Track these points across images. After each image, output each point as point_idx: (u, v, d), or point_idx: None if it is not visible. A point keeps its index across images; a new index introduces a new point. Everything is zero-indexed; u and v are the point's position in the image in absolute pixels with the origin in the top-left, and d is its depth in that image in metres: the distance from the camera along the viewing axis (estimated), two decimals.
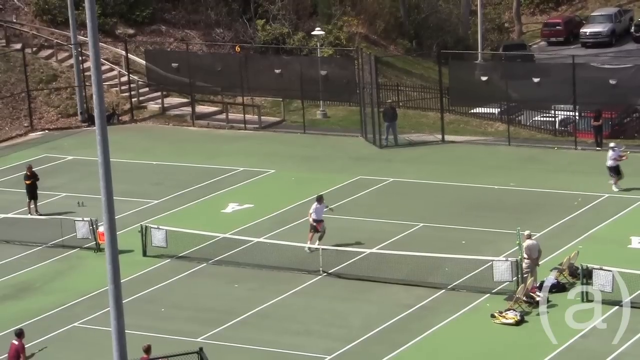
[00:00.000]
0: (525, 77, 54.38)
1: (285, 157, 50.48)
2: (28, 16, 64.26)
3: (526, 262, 33.47)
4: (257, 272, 36.67)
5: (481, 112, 56.51)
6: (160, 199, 44.93)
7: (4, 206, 44.54)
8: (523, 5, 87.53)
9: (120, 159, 45.73)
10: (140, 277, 36.60)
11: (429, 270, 35.55)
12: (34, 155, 51.90)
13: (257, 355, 31.03)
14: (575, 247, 36.82)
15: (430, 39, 73.56)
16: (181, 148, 52.82)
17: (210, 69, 59.11)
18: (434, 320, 32.62)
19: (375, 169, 47.80)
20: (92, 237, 39.31)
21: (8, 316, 34.46)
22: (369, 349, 31.04)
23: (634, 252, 36.95)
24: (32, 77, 59.06)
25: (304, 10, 69.20)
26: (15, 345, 28.84)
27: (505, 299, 33.28)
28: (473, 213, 41.49)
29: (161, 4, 67.39)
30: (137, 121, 58.15)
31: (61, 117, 58.45)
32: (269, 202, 43.66)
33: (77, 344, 32.13)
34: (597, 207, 41.34)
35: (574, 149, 49.64)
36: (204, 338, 31.72)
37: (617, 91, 50.19)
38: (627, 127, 53.07)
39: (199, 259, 38.01)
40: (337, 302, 34.42)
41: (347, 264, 36.47)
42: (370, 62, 52.48)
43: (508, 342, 31.14)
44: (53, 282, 37.35)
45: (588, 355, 29.86)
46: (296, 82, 56.20)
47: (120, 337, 19.97)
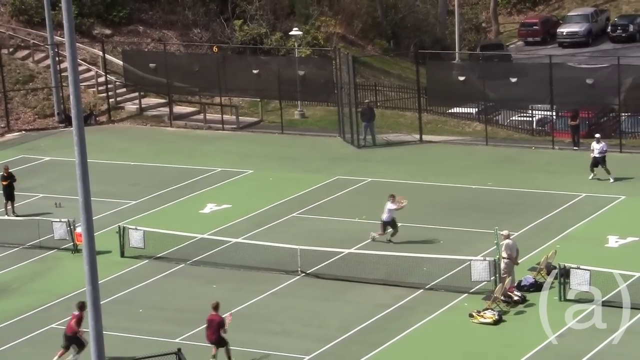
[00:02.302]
0: (503, 77, 54.58)
1: (263, 157, 50.51)
2: (4, 17, 64.11)
3: (505, 262, 33.56)
4: (236, 273, 36.70)
5: (459, 112, 56.68)
6: (138, 199, 44.89)
7: None
8: (500, 5, 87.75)
9: (97, 160, 45.66)
10: (118, 278, 36.55)
11: (407, 270, 35.62)
12: (11, 156, 51.77)
13: (235, 356, 30.97)
14: (553, 246, 36.96)
15: (408, 39, 73.72)
16: (159, 148, 52.79)
17: (188, 70, 59.17)
18: (412, 320, 32.70)
19: (353, 169, 47.87)
20: (69, 238, 39.22)
21: None
22: (348, 349, 31.09)
23: (611, 251, 37.13)
24: (9, 77, 58.92)
25: (282, 10, 69.26)
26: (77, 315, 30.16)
27: (483, 299, 33.37)
28: (451, 213, 41.61)
29: (138, 4, 67.33)
30: (115, 122, 58.09)
31: (38, 117, 58.35)
32: (247, 203, 43.68)
33: (54, 346, 31.96)
34: (574, 207, 41.51)
35: (551, 149, 49.83)
36: (182, 339, 31.69)
37: (594, 91, 50.43)
38: (604, 127, 53.23)
39: (177, 260, 37.99)
40: (316, 302, 34.46)
41: (325, 264, 36.51)
42: (348, 62, 52.57)
43: (486, 342, 31.24)
44: (30, 284, 37.25)
45: (565, 354, 29.97)
46: (274, 83, 56.27)
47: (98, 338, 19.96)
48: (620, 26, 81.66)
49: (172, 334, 32.13)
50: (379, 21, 74.24)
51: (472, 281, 34.02)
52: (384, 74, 68.41)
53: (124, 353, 25.47)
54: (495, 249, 34.34)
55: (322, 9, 70.77)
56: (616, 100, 50.82)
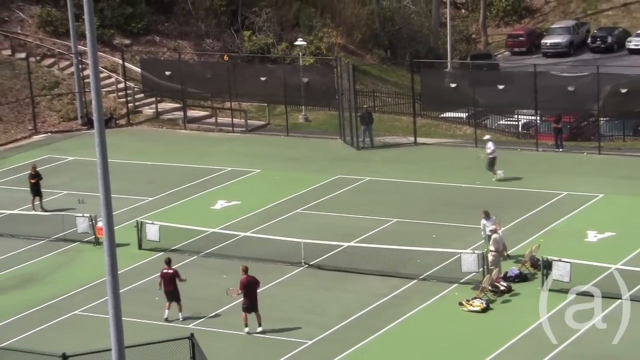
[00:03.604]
0: (491, 84, 54.55)
1: (269, 158, 50.50)
2: (32, 27, 64.15)
3: (493, 255, 33.59)
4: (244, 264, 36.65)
5: (450, 116, 56.64)
6: (154, 196, 44.90)
7: (10, 203, 44.47)
8: (489, 18, 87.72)
9: (117, 160, 45.66)
10: (135, 269, 36.57)
11: (402, 262, 35.62)
12: (37, 156, 51.79)
13: (243, 341, 31.04)
14: (537, 240, 36.95)
15: (404, 49, 73.71)
16: (173, 149, 52.80)
17: (201, 77, 59.17)
18: (406, 308, 32.71)
19: (353, 168, 47.86)
20: (91, 232, 39.26)
21: (13, 305, 34.44)
22: (347, 335, 31.10)
23: (590, 245, 37.13)
24: (36, 83, 58.97)
25: (287, 22, 69.27)
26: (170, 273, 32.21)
27: (472, 288, 33.38)
28: (443, 209, 41.60)
29: (155, 16, 67.37)
30: (133, 125, 58.09)
31: (63, 120, 58.38)
32: (254, 200, 43.68)
33: (77, 331, 32.09)
34: (556, 204, 41.50)
35: (535, 151, 49.82)
36: (195, 325, 31.73)
37: (575, 97, 50.36)
38: (584, 130, 53.28)
39: (190, 252, 38.00)
40: (318, 291, 34.48)
41: (327, 257, 36.51)
42: (348, 70, 52.56)
43: (475, 328, 31.24)
44: (55, 274, 37.31)
45: (547, 339, 29.92)
46: (280, 89, 56.24)
47: (117, 324, 19.96)
48: (600, 38, 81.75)
49: (186, 321, 32.17)
50: (377, 32, 74.22)
51: (462, 272, 34.03)
52: (381, 81, 68.41)
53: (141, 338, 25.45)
54: (484, 243, 34.34)
55: (324, 21, 70.76)
56: (595, 106, 50.81)
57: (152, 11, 67.32)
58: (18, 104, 58.11)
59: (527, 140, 52.50)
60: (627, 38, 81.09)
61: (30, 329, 32.44)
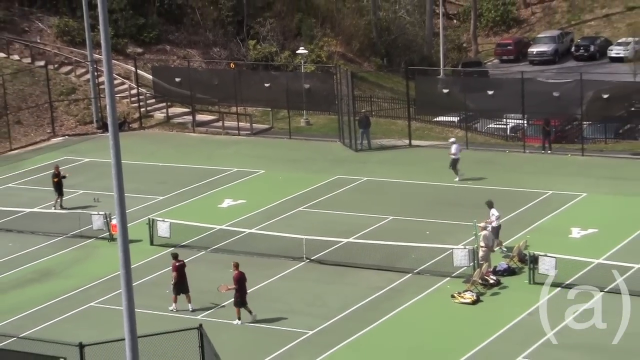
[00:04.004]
0: (481, 90, 54.60)
1: (273, 159, 50.51)
2: (50, 37, 64.17)
3: (483, 250, 33.60)
4: (249, 259, 36.67)
5: (443, 120, 56.68)
6: (164, 195, 44.91)
7: (30, 202, 44.51)
8: (479, 28, 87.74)
9: (130, 161, 45.64)
10: (147, 263, 36.59)
11: (398, 257, 35.63)
12: (56, 158, 51.80)
13: (248, 331, 31.04)
14: (524, 237, 36.95)
15: (399, 57, 73.73)
16: (183, 151, 52.82)
17: (209, 83, 59.22)
18: (402, 300, 32.71)
19: (352, 169, 47.87)
20: (106, 229, 39.28)
21: (33, 297, 34.47)
22: (346, 326, 31.09)
23: (574, 241, 37.14)
24: (54, 90, 58.99)
25: (290, 32, 69.27)
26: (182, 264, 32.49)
27: (464, 282, 33.39)
28: (436, 208, 41.61)
29: (166, 27, 67.39)
30: (145, 128, 58.11)
31: (79, 124, 58.40)
32: (259, 198, 43.69)
33: (93, 322, 32.09)
34: (542, 203, 41.51)
35: (522, 152, 49.82)
36: (203, 316, 31.74)
37: (560, 102, 50.39)
38: (569, 133, 53.30)
39: (199, 248, 38.02)
40: (318, 285, 34.48)
41: (327, 252, 36.51)
42: (347, 77, 52.57)
43: (466, 319, 31.24)
44: (72, 268, 37.32)
45: (533, 329, 29.95)
46: (283, 94, 56.26)
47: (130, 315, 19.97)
48: (583, 47, 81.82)
49: (194, 312, 32.18)
50: (374, 42, 74.24)
51: (454, 266, 34.04)
52: (378, 87, 68.42)
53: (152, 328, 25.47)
54: (474, 239, 34.35)
55: (324, 31, 70.81)
56: (579, 110, 50.84)
57: (163, 22, 67.35)
58: (37, 109, 58.14)
59: (515, 143, 52.50)
60: (608, 47, 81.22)
61: (49, 320, 32.46)
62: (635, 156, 47.69)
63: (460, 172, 44.71)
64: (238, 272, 31.44)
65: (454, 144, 44.91)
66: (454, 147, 44.69)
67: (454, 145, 44.74)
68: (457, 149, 44.66)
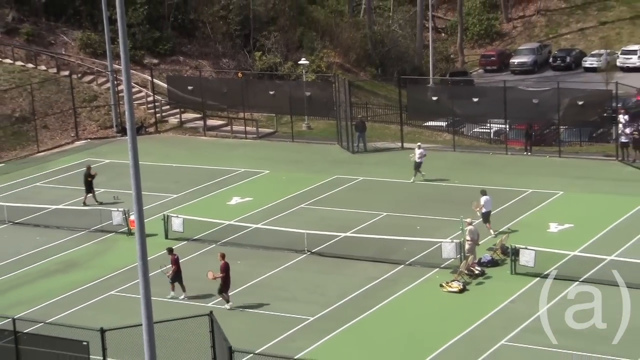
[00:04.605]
0: (467, 97, 54.55)
1: (277, 160, 50.49)
2: (74, 49, 64.16)
3: (469, 243, 33.59)
4: (255, 252, 36.71)
5: (432, 125, 56.64)
6: (178, 193, 44.90)
7: (55, 199, 44.48)
8: (465, 41, 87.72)
9: (146, 162, 45.57)
10: (163, 256, 36.51)
11: (391, 249, 35.62)
12: (79, 159, 51.79)
13: (255, 317, 31.04)
14: (506, 231, 36.94)
15: (392, 67, 73.69)
16: (195, 153, 52.80)
17: (218, 91, 59.17)
18: (395, 289, 32.71)
19: (349, 170, 47.85)
20: (124, 224, 39.28)
21: (58, 287, 34.47)
22: (344, 312, 31.09)
23: (552, 235, 37.13)
24: (78, 97, 58.96)
25: (292, 44, 69.25)
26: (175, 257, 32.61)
27: (451, 272, 33.38)
28: (426, 205, 41.59)
29: (179, 39, 67.37)
30: (160, 132, 58.09)
31: (100, 129, 58.37)
32: (264, 196, 43.68)
33: (113, 309, 32.09)
34: (523, 200, 41.49)
35: (505, 154, 49.78)
36: (213, 304, 31.72)
37: (539, 109, 50.35)
38: (547, 137, 53.26)
39: (209, 241, 38.00)
40: (319, 275, 34.46)
41: (326, 245, 36.49)
42: (345, 85, 52.55)
43: (453, 306, 31.23)
44: (93, 260, 37.31)
45: (514, 315, 29.95)
46: (286, 101, 56.23)
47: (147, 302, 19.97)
48: (560, 58, 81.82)
49: (206, 300, 32.17)
50: (370, 53, 74.21)
51: (443, 258, 34.03)
52: (373, 95, 68.38)
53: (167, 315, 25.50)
54: (461, 233, 34.33)
55: (324, 43, 70.75)
56: (556, 116, 50.80)
57: (176, 35, 67.32)
58: (62, 115, 58.13)
59: (498, 146, 52.47)
60: (583, 58, 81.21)
61: (73, 307, 32.46)
62: (607, 158, 47.67)
63: (421, 174, 44.31)
64: (224, 263, 31.37)
65: (419, 149, 44.70)
66: (418, 151, 44.46)
67: (418, 150, 44.51)
68: (421, 154, 44.38)
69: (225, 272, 31.34)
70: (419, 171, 44.44)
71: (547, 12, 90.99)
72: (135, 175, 19.69)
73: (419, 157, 44.36)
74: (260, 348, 27.56)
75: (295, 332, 29.76)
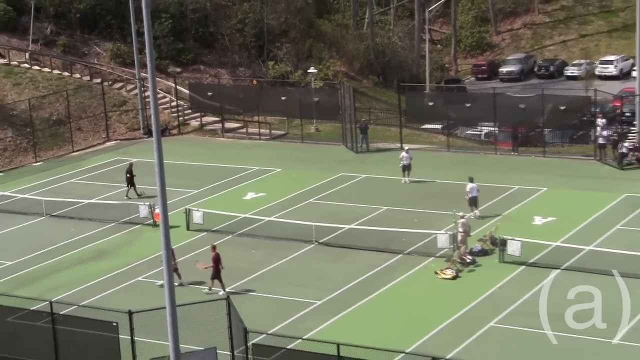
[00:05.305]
0: (460, 103, 54.45)
1: (288, 159, 50.47)
2: (105, 59, 64.22)
3: (461, 235, 33.54)
4: (268, 242, 36.72)
5: (429, 127, 56.54)
6: (199, 189, 44.92)
7: (88, 194, 44.54)
8: (458, 52, 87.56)
9: (170, 161, 45.64)
10: (184, 245, 36.59)
11: (391, 240, 35.60)
12: (110, 158, 51.86)
13: (267, 301, 31.05)
14: (495, 224, 36.89)
15: (392, 75, 73.55)
16: (214, 153, 52.80)
17: (235, 97, 59.14)
18: (394, 275, 32.70)
19: (353, 168, 47.81)
20: (150, 217, 39.33)
21: (90, 273, 34.55)
22: (348, 296, 31.09)
23: (536, 227, 37.06)
24: (108, 102, 59.00)
25: (302, 54, 69.24)
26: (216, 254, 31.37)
27: (445, 261, 33.36)
28: (423, 200, 41.54)
29: (200, 50, 67.39)
30: (183, 134, 58.10)
31: (128, 130, 58.42)
32: (277, 192, 43.67)
33: (139, 293, 32.12)
34: (510, 196, 41.43)
35: (494, 154, 49.70)
36: (230, 289, 31.74)
37: (525, 113, 50.24)
38: (532, 139, 53.13)
39: (227, 232, 38.02)
40: (325, 263, 34.46)
41: (332, 236, 36.50)
42: (350, 91, 52.52)
43: (447, 291, 31.22)
44: (122, 249, 37.37)
45: (502, 300, 29.93)
46: (296, 106, 56.19)
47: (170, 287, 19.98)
48: (544, 67, 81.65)
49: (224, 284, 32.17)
50: (372, 62, 74.10)
51: (437, 248, 34.02)
52: (375, 100, 68.32)
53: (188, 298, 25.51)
54: (454, 226, 34.31)
55: (331, 54, 70.72)
56: (541, 120, 50.69)
57: (198, 46, 67.35)
58: (95, 118, 58.19)
59: (488, 146, 52.37)
60: (565, 67, 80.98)
61: (104, 292, 32.52)
62: (586, 157, 47.56)
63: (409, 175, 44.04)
64: (216, 254, 31.26)
65: (406, 152, 44.44)
66: (405, 155, 44.17)
67: (405, 154, 44.23)
68: (407, 157, 44.09)
69: (216, 262, 31.14)
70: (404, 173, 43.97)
71: (532, 25, 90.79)
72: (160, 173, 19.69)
73: (406, 159, 44.00)
74: (273, 329, 27.55)
75: (304, 315, 29.78)
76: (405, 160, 43.94)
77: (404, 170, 44.00)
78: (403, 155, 44.16)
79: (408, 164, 43.89)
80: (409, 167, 43.87)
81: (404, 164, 43.98)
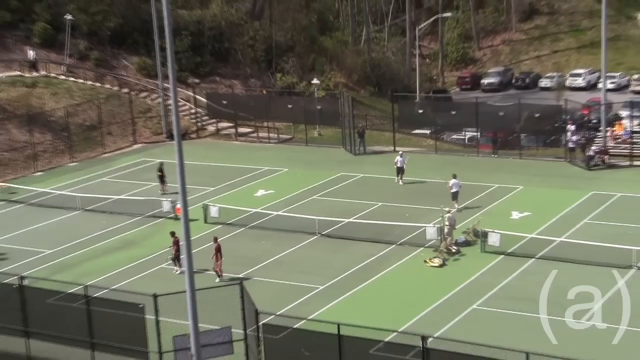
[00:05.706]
0: (446, 110, 54.42)
1: (294, 160, 50.45)
2: (132, 71, 64.23)
3: (447, 227, 33.54)
4: (276, 234, 36.71)
5: (419, 132, 56.47)
6: (215, 187, 44.91)
7: (118, 191, 44.52)
8: (445, 65, 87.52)
9: (190, 162, 45.73)
10: (202, 237, 36.52)
11: (385, 232, 35.59)
12: (136, 159, 51.84)
13: (275, 286, 31.06)
14: (477, 218, 36.88)
15: (386, 86, 73.42)
16: (228, 155, 52.78)
17: (247, 105, 59.12)
18: (388, 263, 32.70)
19: (352, 168, 47.79)
20: (172, 211, 39.32)
21: (119, 260, 34.56)
22: (347, 282, 31.09)
23: (514, 221, 37.00)
24: (135, 109, 58.99)
25: (307, 67, 69.25)
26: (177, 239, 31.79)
27: (433, 251, 33.35)
28: (413, 196, 41.51)
29: (216, 64, 67.41)
30: (201, 138, 58.10)
31: (153, 135, 58.39)
32: (284, 189, 43.66)
33: (163, 279, 32.12)
34: (490, 193, 41.39)
35: (476, 156, 49.66)
36: (243, 275, 31.77)
37: (504, 120, 50.22)
38: (510, 142, 53.06)
39: (240, 225, 38.01)
40: (327, 253, 34.46)
41: (333, 228, 36.48)
42: (349, 100, 52.50)
43: (434, 278, 31.21)
44: (148, 239, 37.34)
45: (484, 285, 29.92)
46: (301, 113, 56.15)
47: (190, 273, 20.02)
48: (521, 79, 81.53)
49: (237, 272, 32.20)
50: (368, 75, 74.03)
51: (426, 239, 34.01)
52: (371, 108, 68.11)
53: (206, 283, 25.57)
54: (441, 220, 34.31)
55: (332, 67, 70.75)
56: (518, 126, 50.62)
57: (214, 60, 67.37)
58: (123, 123, 58.19)
59: (471, 149, 52.30)
60: (539, 79, 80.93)
61: (131, 277, 32.55)
62: (558, 159, 47.54)
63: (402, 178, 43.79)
64: (218, 244, 31.23)
65: (400, 156, 44.28)
66: (399, 159, 44.06)
67: (400, 158, 44.05)
68: (401, 161, 43.95)
69: (219, 252, 31.12)
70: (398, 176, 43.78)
71: (510, 42, 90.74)
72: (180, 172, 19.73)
73: (399, 163, 43.90)
74: (281, 310, 27.56)
75: (308, 298, 29.80)
76: (399, 163, 43.81)
77: (398, 173, 43.86)
78: (397, 159, 44.06)
79: (402, 167, 43.70)
80: (402, 170, 43.69)
81: (398, 167, 43.83)
